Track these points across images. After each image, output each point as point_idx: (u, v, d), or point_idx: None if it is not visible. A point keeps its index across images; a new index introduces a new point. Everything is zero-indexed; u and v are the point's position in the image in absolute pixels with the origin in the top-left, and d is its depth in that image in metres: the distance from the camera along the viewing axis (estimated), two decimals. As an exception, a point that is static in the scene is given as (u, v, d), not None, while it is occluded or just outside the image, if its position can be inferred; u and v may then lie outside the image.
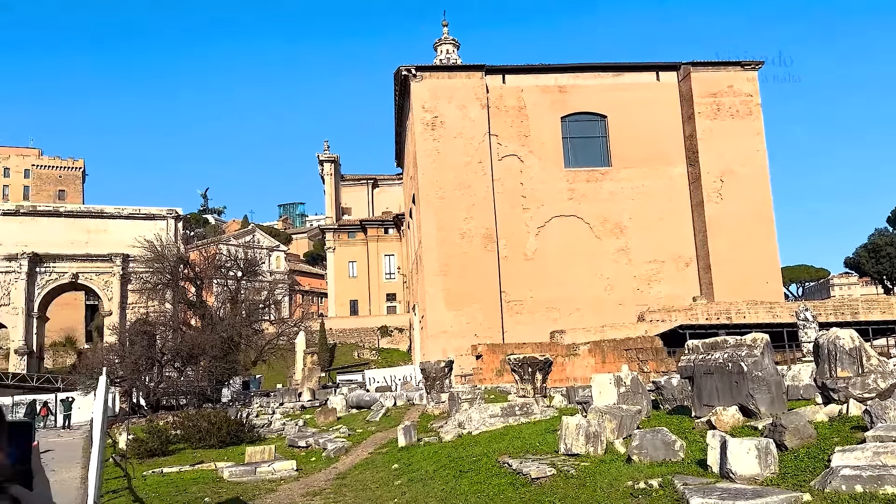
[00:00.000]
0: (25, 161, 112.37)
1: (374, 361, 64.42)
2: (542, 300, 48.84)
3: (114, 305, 70.72)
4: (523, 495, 11.21)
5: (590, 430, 12.38)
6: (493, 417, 18.49)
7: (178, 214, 76.89)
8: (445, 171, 49.35)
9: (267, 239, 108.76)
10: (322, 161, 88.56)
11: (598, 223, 50.80)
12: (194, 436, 25.33)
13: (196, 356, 41.73)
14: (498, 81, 51.96)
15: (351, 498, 13.95)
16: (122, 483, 18.45)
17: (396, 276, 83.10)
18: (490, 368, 38.42)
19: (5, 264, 69.13)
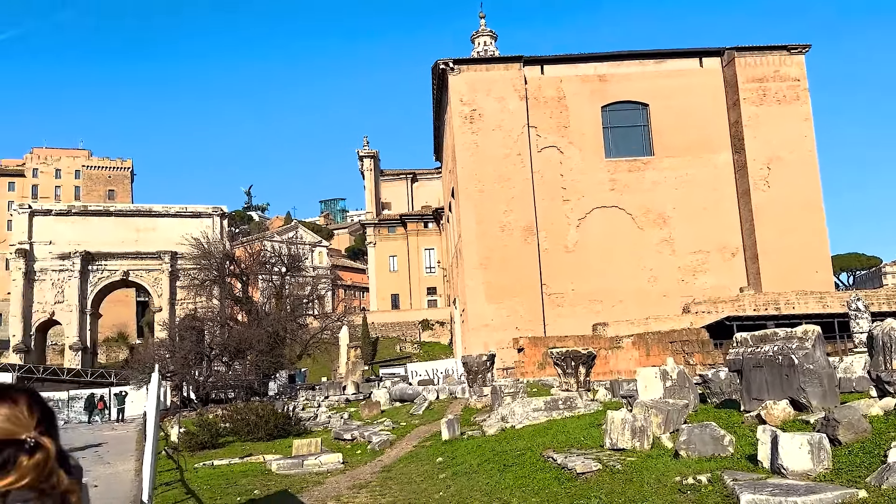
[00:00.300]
0: (76, 162, 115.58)
1: (415, 355, 64.77)
2: (584, 292, 48.43)
3: (163, 302, 72.43)
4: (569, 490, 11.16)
5: (636, 424, 12.26)
6: (536, 411, 18.44)
7: (224, 212, 78.31)
8: (484, 164, 49.21)
9: (309, 235, 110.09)
10: (362, 157, 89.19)
11: (641, 214, 50.09)
12: (243, 429, 25.83)
13: (243, 351, 42.53)
14: (536, 72, 51.54)
15: (397, 491, 14.06)
16: (174, 475, 18.95)
17: (437, 269, 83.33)
18: (532, 362, 38.27)
19: (59, 263, 71.32)
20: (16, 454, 1.47)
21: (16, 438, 1.48)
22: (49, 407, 1.63)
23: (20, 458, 1.47)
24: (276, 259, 54.43)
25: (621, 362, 35.55)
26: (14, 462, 1.46)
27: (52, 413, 1.61)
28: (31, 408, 1.55)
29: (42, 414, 1.57)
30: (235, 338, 43.18)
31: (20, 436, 1.49)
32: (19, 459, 1.48)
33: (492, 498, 11.97)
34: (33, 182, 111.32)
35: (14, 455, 1.47)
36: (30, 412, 1.54)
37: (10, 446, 1.47)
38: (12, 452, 1.47)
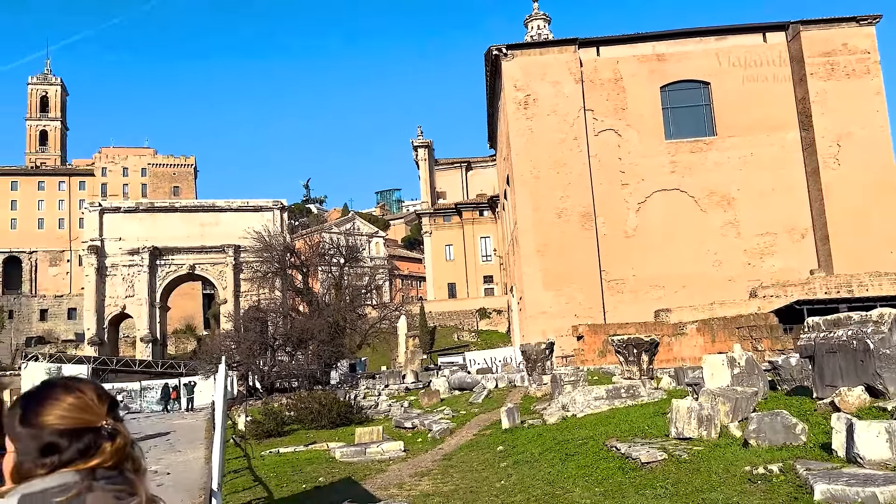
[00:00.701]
0: (142, 160, 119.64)
1: (473, 343, 64.81)
2: (645, 278, 47.47)
3: (228, 294, 74.47)
4: (633, 480, 10.97)
5: (702, 413, 11.95)
6: (597, 400, 18.19)
7: (283, 205, 79.92)
8: (540, 150, 48.63)
9: (366, 226, 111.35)
10: (416, 147, 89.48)
11: (704, 196, 48.70)
12: (307, 417, 26.33)
13: (305, 341, 43.35)
14: (592, 54, 50.55)
15: (458, 479, 14.08)
16: (242, 463, 19.46)
17: (493, 258, 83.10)
18: (592, 349, 37.77)
19: (129, 258, 74.08)
20: (97, 440, 1.60)
21: (93, 426, 1.61)
22: (113, 396, 1.74)
23: (103, 443, 1.61)
24: (334, 250, 55.22)
25: (685, 349, 34.72)
26: (97, 447, 1.59)
27: (117, 402, 1.74)
28: (100, 397, 1.67)
29: (110, 403, 1.70)
30: (297, 328, 44.05)
31: (97, 424, 1.62)
32: (103, 445, 1.61)
33: (554, 487, 11.86)
34: (102, 181, 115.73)
35: (95, 440, 1.60)
36: (100, 401, 1.66)
37: (88, 433, 1.60)
38: (93, 438, 1.59)
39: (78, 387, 1.66)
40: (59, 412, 1.59)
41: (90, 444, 1.58)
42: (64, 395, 1.63)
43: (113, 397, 1.72)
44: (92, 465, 1.58)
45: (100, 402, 1.66)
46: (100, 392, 1.69)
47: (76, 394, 1.63)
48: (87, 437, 1.58)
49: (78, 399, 1.62)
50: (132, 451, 1.68)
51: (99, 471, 1.59)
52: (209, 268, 76.28)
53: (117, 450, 1.62)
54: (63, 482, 1.53)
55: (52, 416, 1.58)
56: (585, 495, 10.88)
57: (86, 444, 1.57)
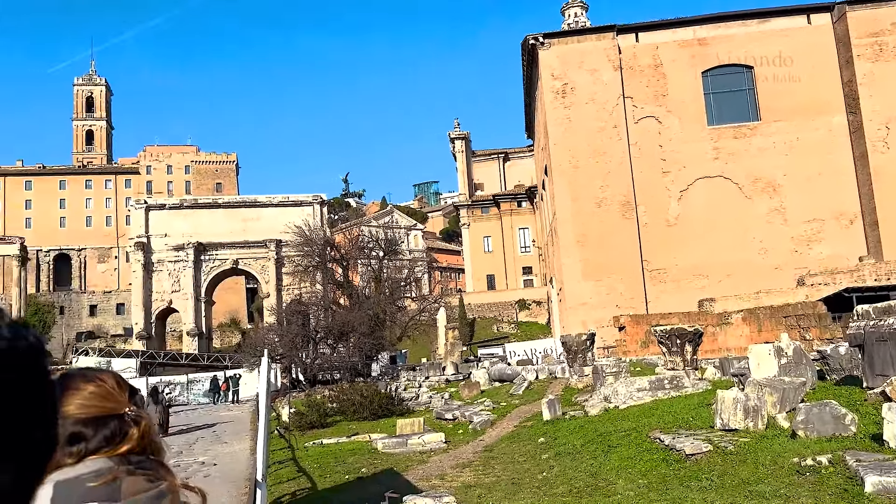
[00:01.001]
0: (185, 158, 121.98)
1: (513, 335, 64.65)
2: (688, 267, 46.66)
3: (271, 288, 75.54)
4: (677, 472, 10.85)
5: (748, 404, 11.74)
6: (640, 391, 18.00)
7: (323, 200, 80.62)
8: (578, 139, 48.10)
9: (404, 218, 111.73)
10: (453, 139, 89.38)
11: (748, 182, 47.60)
12: (349, 409, 26.60)
13: (346, 333, 43.76)
14: (630, 40, 49.74)
15: (500, 470, 14.10)
16: (286, 454, 19.79)
17: (531, 249, 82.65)
18: (634, 340, 37.33)
19: (174, 254, 75.65)
20: (122, 426, 1.61)
21: (117, 413, 1.62)
22: (132, 384, 1.76)
23: (130, 429, 1.62)
24: (373, 244, 55.56)
25: (730, 339, 34.08)
26: (123, 433, 1.61)
27: (136, 389, 1.75)
28: (119, 385, 1.69)
29: (130, 390, 1.71)
30: (338, 321, 44.49)
31: (120, 411, 1.63)
32: (130, 431, 1.63)
33: (597, 479, 11.80)
34: (147, 179, 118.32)
35: (120, 427, 1.61)
36: (121, 388, 1.68)
37: (112, 420, 1.61)
38: (117, 425, 1.60)
39: (97, 376, 1.68)
40: (80, 401, 1.60)
41: (115, 430, 1.60)
42: (84, 384, 1.64)
43: (132, 385, 1.75)
44: (123, 451, 1.60)
45: (120, 389, 1.67)
46: (119, 380, 1.71)
47: (96, 382, 1.64)
48: (112, 424, 1.60)
49: (98, 387, 1.63)
50: (156, 436, 1.71)
51: (130, 456, 1.61)
52: (252, 262, 77.44)
53: (143, 434, 1.65)
54: (97, 468, 1.55)
55: (74, 406, 1.59)
56: (629, 487, 10.80)
57: (111, 431, 1.59)
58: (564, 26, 64.38)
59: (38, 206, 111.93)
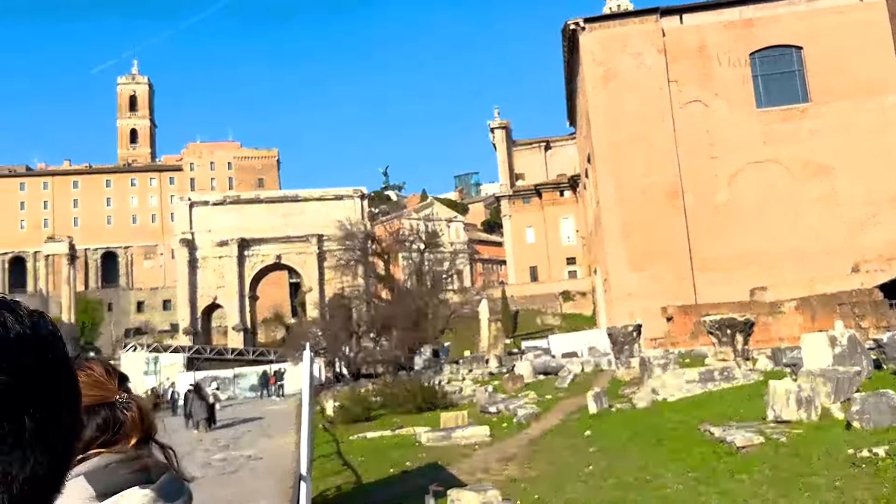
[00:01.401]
0: (227, 154, 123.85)
1: (557, 327, 64.06)
2: (738, 255, 45.47)
3: (313, 282, 76.22)
4: (728, 465, 10.53)
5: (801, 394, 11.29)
6: (689, 383, 17.55)
7: (363, 193, 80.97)
8: (621, 126, 47.22)
9: (445, 210, 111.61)
10: (493, 128, 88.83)
11: (799, 166, 46.11)
12: (392, 402, 26.62)
13: (388, 327, 43.88)
14: (675, 23, 48.55)
15: (544, 464, 13.88)
16: (331, 448, 19.86)
17: (575, 239, 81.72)
18: (682, 331, 36.56)
19: (218, 250, 76.85)
20: (114, 413, 1.56)
21: (107, 401, 1.57)
22: (121, 371, 1.70)
23: (126, 415, 1.57)
24: (414, 236, 55.57)
25: (783, 328, 33.08)
26: (116, 420, 1.55)
27: (126, 376, 1.69)
28: (108, 372, 1.63)
29: (119, 377, 1.66)
30: (381, 314, 44.65)
31: (110, 399, 1.57)
32: (130, 417, 1.57)
33: (645, 472, 11.51)
34: (191, 176, 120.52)
35: (112, 414, 1.55)
36: (109, 376, 1.62)
37: (103, 408, 1.55)
38: (109, 412, 1.55)
39: (85, 364, 1.62)
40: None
41: (107, 418, 1.54)
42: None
43: (121, 372, 1.69)
44: (134, 441, 1.55)
45: (109, 377, 1.61)
46: (107, 367, 1.66)
47: (85, 371, 1.57)
48: (104, 412, 1.54)
49: (87, 376, 1.56)
50: (153, 417, 1.65)
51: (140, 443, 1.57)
52: (294, 257, 78.23)
53: (143, 418, 1.59)
54: (121, 455, 1.50)
55: None
56: (678, 481, 10.50)
57: (103, 419, 1.53)
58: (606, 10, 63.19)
59: (85, 204, 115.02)
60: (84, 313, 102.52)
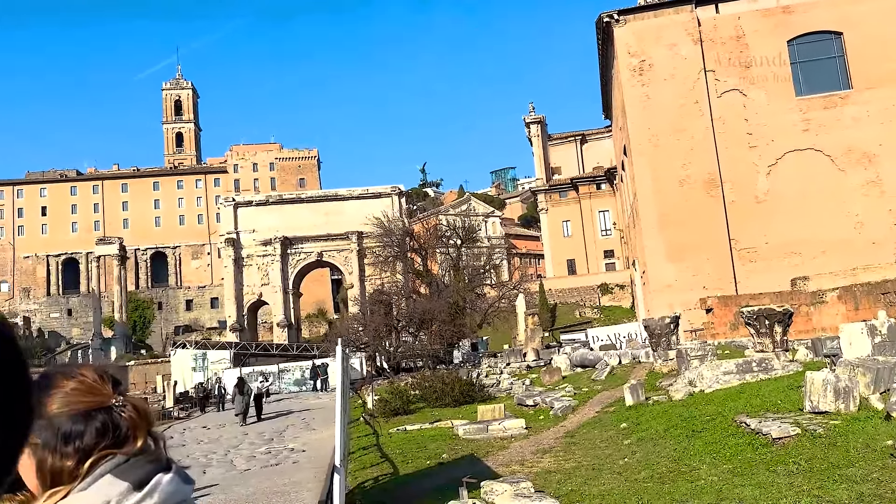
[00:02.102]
0: (269, 156, 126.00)
1: (596, 320, 63.69)
2: (779, 245, 44.68)
3: (354, 279, 77.17)
4: (763, 456, 10.54)
5: (839, 385, 11.23)
6: (726, 374, 17.47)
7: (401, 191, 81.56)
8: (657, 117, 46.74)
9: (482, 206, 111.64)
10: (528, 123, 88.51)
11: (841, 154, 45.05)
12: (431, 396, 26.95)
13: (427, 321, 44.31)
14: (710, 12, 47.83)
15: (580, 456, 14.02)
16: (371, 440, 20.29)
17: (612, 232, 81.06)
18: (722, 322, 36.13)
19: (262, 249, 78.36)
20: (111, 417, 1.59)
21: (103, 406, 1.60)
22: (115, 375, 1.73)
23: (124, 415, 1.60)
24: (451, 232, 55.86)
25: (825, 318, 32.47)
26: (114, 424, 1.59)
27: (119, 381, 1.72)
28: (101, 378, 1.66)
29: (113, 381, 1.68)
30: (419, 309, 45.08)
31: (106, 403, 1.60)
32: (135, 422, 1.61)
33: (679, 464, 11.59)
34: (235, 177, 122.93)
35: (109, 418, 1.59)
36: (103, 381, 1.65)
37: (100, 413, 1.58)
38: (106, 417, 1.58)
39: (77, 371, 1.66)
40: (63, 399, 1.58)
41: (105, 423, 1.57)
42: (64, 381, 1.62)
43: (115, 376, 1.72)
44: (142, 441, 1.61)
45: (102, 381, 1.64)
46: (100, 372, 1.68)
47: (77, 378, 1.62)
48: (101, 417, 1.58)
49: (80, 383, 1.61)
50: (150, 414, 1.69)
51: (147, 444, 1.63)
52: (335, 254, 79.30)
53: (143, 416, 1.64)
54: (137, 451, 1.58)
55: (58, 404, 1.57)
56: (712, 472, 10.57)
57: (101, 424, 1.57)
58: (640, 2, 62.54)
59: (134, 207, 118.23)
60: (135, 312, 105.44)
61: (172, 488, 1.57)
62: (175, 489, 1.58)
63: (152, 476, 1.56)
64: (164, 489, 1.56)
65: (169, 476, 1.58)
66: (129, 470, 1.54)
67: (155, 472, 1.57)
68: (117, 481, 1.51)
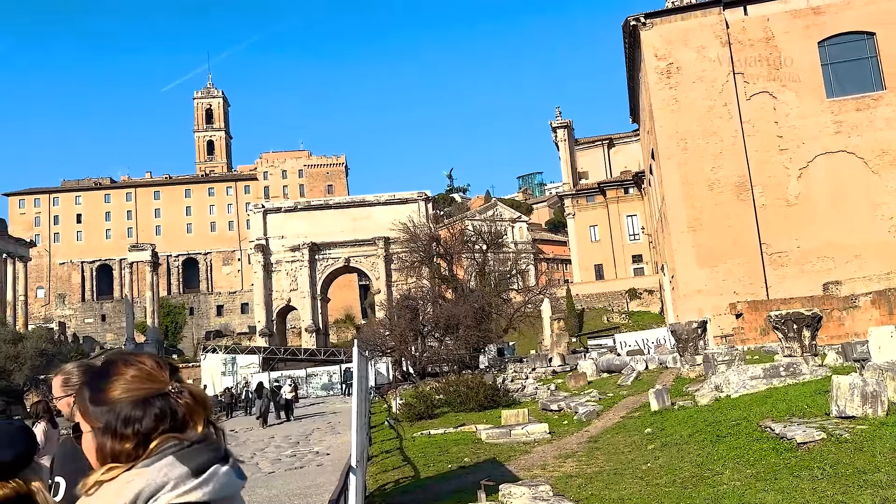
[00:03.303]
0: (298, 162, 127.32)
1: (623, 325, 63.14)
2: (811, 249, 43.90)
3: (381, 284, 77.50)
4: (788, 461, 10.36)
5: (866, 389, 11.00)
6: (753, 379, 17.20)
7: (428, 196, 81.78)
8: (686, 120, 46.31)
9: (508, 211, 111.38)
10: (555, 128, 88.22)
11: (875, 156, 44.13)
12: (455, 400, 26.95)
13: (453, 326, 44.30)
14: (739, 14, 47.31)
15: (603, 461, 13.91)
16: (394, 444, 20.34)
17: (641, 236, 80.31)
18: (752, 327, 35.59)
19: (291, 255, 79.12)
20: (168, 403, 1.67)
21: (161, 392, 1.68)
22: (173, 363, 1.83)
23: (181, 401, 1.68)
24: (477, 237, 55.85)
25: (858, 324, 31.80)
26: (171, 410, 1.67)
27: (177, 368, 1.81)
28: (159, 365, 1.74)
29: (170, 367, 1.77)
30: (445, 314, 45.09)
31: (164, 389, 1.68)
32: (193, 409, 1.69)
33: (702, 469, 11.45)
34: (264, 184, 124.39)
35: (167, 404, 1.66)
36: (160, 368, 1.73)
37: (158, 399, 1.67)
38: (164, 403, 1.66)
39: (137, 358, 1.75)
40: (125, 385, 1.67)
41: (163, 408, 1.65)
42: (125, 368, 1.71)
43: (172, 364, 1.81)
44: (201, 426, 1.69)
45: (160, 369, 1.73)
46: (157, 360, 1.77)
47: (136, 366, 1.71)
48: (159, 403, 1.65)
49: (139, 370, 1.69)
50: (206, 399, 1.76)
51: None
52: (362, 260, 79.72)
53: (200, 403, 1.70)
54: (198, 437, 1.65)
55: (120, 390, 1.66)
56: (735, 477, 10.42)
57: (160, 409, 1.65)
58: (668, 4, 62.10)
59: (166, 213, 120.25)
60: (167, 317, 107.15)
61: (226, 480, 1.64)
62: (228, 481, 1.65)
63: (210, 465, 1.62)
64: (220, 479, 1.62)
65: (225, 468, 1.64)
66: (190, 455, 1.61)
67: (213, 462, 1.63)
68: (178, 464, 1.58)
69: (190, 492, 1.57)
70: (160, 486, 1.56)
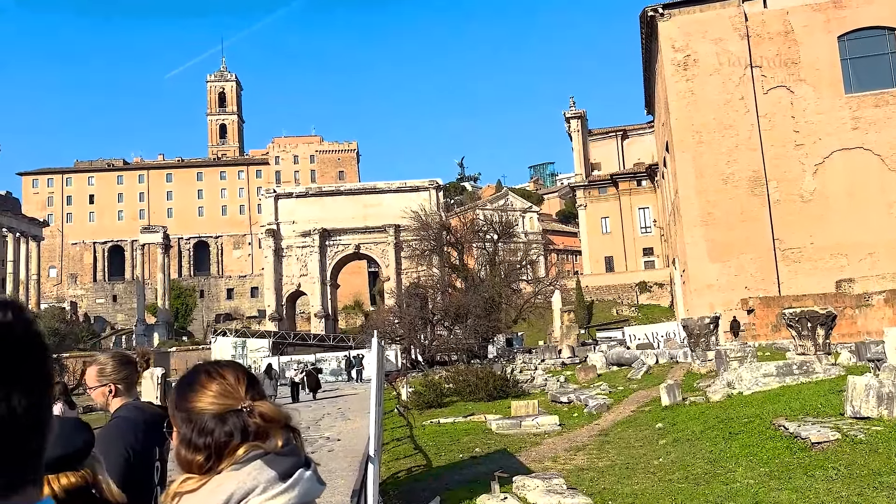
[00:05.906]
0: (310, 148, 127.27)
1: (633, 318, 63.04)
2: (825, 246, 43.65)
3: (390, 272, 77.58)
4: (801, 461, 10.36)
5: (882, 390, 10.98)
6: (766, 377, 17.17)
7: (439, 185, 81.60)
8: (701, 113, 46.00)
9: (519, 201, 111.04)
10: (568, 118, 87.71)
11: (892, 154, 43.72)
12: (464, 389, 27.02)
13: (462, 315, 44.39)
14: (758, 7, 46.84)
15: (614, 455, 13.94)
16: (405, 432, 20.43)
17: (652, 229, 79.98)
18: (764, 324, 35.49)
19: (301, 240, 79.25)
20: (239, 419, 1.72)
21: (234, 409, 1.74)
22: (252, 374, 1.87)
23: (251, 420, 1.72)
24: (488, 227, 55.78)
25: (871, 322, 31.65)
26: (243, 425, 1.72)
27: (256, 380, 1.86)
28: (238, 379, 1.80)
29: (248, 381, 1.82)
30: (455, 303, 45.20)
31: (237, 406, 1.74)
32: (265, 427, 1.73)
33: (715, 466, 11.46)
34: (276, 169, 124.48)
35: (240, 420, 1.72)
36: (238, 382, 1.79)
37: (231, 415, 1.72)
38: (236, 420, 1.72)
39: (220, 372, 1.81)
40: (208, 399, 1.75)
41: (235, 424, 1.71)
42: (208, 381, 1.78)
43: (251, 375, 1.85)
44: (282, 438, 1.73)
45: (238, 384, 1.78)
46: (238, 374, 1.82)
47: (218, 380, 1.78)
48: (231, 420, 1.71)
49: (220, 385, 1.76)
50: (277, 412, 1.79)
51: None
52: (373, 247, 79.76)
53: (273, 419, 1.74)
54: (281, 444, 1.71)
55: (202, 403, 1.74)
56: (748, 475, 10.42)
57: (232, 425, 1.71)
58: (686, -5, 61.48)
59: (178, 196, 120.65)
60: (177, 299, 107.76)
61: (310, 485, 1.70)
62: (311, 487, 1.71)
63: (295, 470, 1.68)
64: (305, 484, 1.69)
65: (309, 473, 1.71)
66: (276, 461, 1.68)
67: (297, 467, 1.69)
68: (266, 468, 1.64)
69: (279, 495, 1.62)
70: (250, 490, 1.62)
